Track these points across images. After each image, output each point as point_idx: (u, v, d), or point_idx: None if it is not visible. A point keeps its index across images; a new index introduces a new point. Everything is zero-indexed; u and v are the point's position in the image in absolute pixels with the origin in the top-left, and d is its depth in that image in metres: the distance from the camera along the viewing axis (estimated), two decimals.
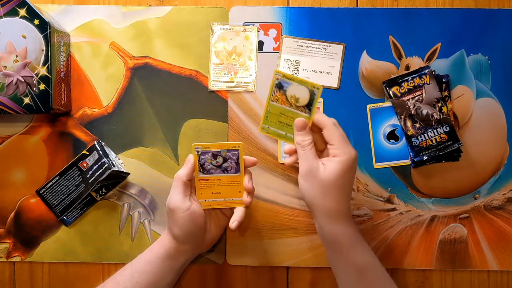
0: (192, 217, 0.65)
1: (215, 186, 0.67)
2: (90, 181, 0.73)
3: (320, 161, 0.63)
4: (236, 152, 0.66)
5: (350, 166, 0.62)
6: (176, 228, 0.66)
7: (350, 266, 0.64)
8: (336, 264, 0.65)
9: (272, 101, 0.67)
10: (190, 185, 0.67)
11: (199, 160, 0.66)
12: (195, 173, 0.67)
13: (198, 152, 0.66)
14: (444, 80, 0.74)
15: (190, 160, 0.66)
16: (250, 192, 0.67)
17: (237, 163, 0.66)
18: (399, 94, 0.74)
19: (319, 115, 0.65)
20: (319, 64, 0.75)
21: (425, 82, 0.73)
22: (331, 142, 0.63)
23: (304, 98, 0.65)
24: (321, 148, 0.66)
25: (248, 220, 0.75)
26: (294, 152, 0.67)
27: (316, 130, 0.65)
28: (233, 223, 0.65)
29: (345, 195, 0.63)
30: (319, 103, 0.73)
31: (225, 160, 0.66)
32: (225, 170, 0.67)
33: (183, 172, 0.66)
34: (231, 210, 0.69)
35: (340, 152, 0.62)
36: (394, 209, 0.75)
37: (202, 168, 0.66)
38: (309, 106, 0.65)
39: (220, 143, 0.66)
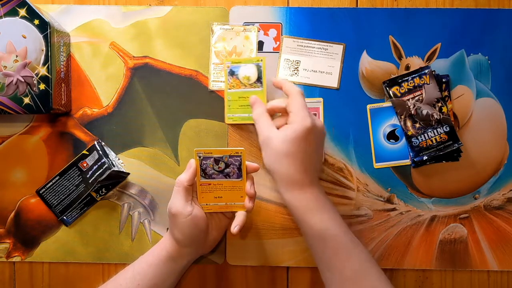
0: (194, 221, 0.65)
1: (216, 191, 0.67)
2: (90, 181, 0.73)
3: (275, 130, 0.64)
4: (238, 158, 0.65)
5: (304, 134, 0.62)
6: (178, 233, 0.65)
7: (311, 234, 0.63)
8: (302, 232, 0.65)
9: (229, 89, 0.71)
10: (191, 190, 0.67)
11: (201, 165, 0.66)
12: (197, 178, 0.66)
13: (200, 157, 0.65)
14: (444, 80, 0.74)
15: (192, 165, 0.66)
16: (252, 197, 0.67)
17: (239, 168, 0.66)
18: (399, 94, 0.74)
19: (287, 84, 0.66)
20: (319, 64, 0.75)
21: (425, 82, 0.73)
22: (290, 109, 0.64)
23: (253, 74, 0.70)
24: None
25: (249, 223, 0.75)
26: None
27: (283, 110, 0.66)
28: (235, 227, 0.65)
29: (300, 163, 0.63)
30: (318, 102, 0.74)
31: (227, 165, 0.66)
32: (227, 176, 0.66)
33: (184, 177, 0.66)
34: (232, 212, 0.69)
35: (294, 119, 0.63)
36: (394, 209, 0.75)
37: (204, 172, 0.66)
38: (259, 79, 0.69)
39: (222, 149, 0.66)
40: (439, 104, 0.73)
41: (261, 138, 0.65)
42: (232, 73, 0.70)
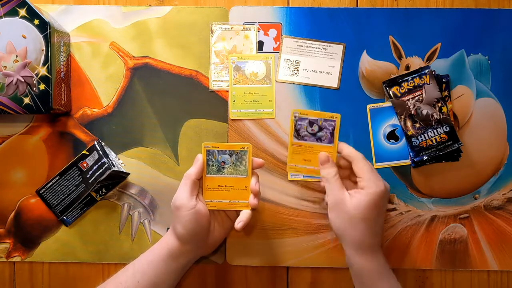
0: (196, 216, 0.65)
1: (306, 153, 0.69)
2: (90, 181, 0.73)
3: (346, 193, 0.65)
4: (332, 123, 0.67)
5: (378, 198, 0.64)
6: (180, 227, 0.65)
7: None
8: None
9: (234, 84, 0.71)
10: (198, 185, 0.67)
11: (295, 126, 0.68)
12: (203, 173, 0.67)
13: (295, 117, 0.67)
14: (444, 80, 0.74)
15: (200, 159, 0.67)
16: (257, 195, 0.67)
17: (332, 133, 0.68)
18: (399, 94, 0.74)
19: (348, 149, 0.68)
20: (319, 64, 0.75)
21: (425, 82, 0.73)
22: (360, 175, 0.65)
23: (262, 71, 0.71)
24: (353, 180, 0.68)
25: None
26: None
27: (345, 164, 0.69)
28: (239, 223, 0.65)
29: (372, 227, 0.65)
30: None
31: (320, 129, 0.68)
32: (319, 139, 0.68)
33: (193, 170, 0.66)
34: (236, 213, 0.69)
35: (368, 184, 0.64)
36: (394, 209, 0.75)
37: (298, 134, 0.68)
38: (268, 77, 0.70)
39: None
40: (439, 104, 0.73)
41: (332, 199, 0.66)
42: (238, 69, 0.71)
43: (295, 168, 0.69)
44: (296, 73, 0.75)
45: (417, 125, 0.73)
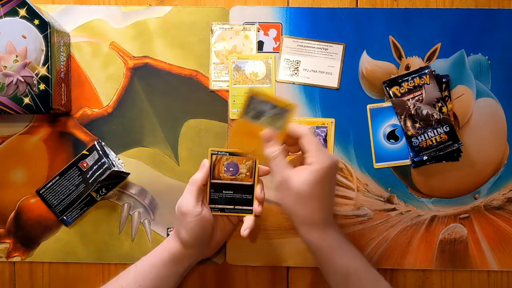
0: (201, 222, 0.65)
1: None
2: (90, 181, 0.73)
3: (293, 171, 0.62)
4: (324, 129, 0.68)
5: (325, 174, 0.60)
6: (184, 232, 0.65)
7: (334, 272, 0.64)
8: (322, 269, 0.65)
9: (234, 84, 0.71)
10: (204, 191, 0.67)
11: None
12: (209, 178, 0.67)
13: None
14: (444, 80, 0.74)
15: (206, 164, 0.66)
16: (262, 202, 0.67)
17: (325, 139, 0.68)
18: (399, 94, 0.74)
19: (294, 126, 0.64)
20: (319, 64, 0.75)
21: (425, 82, 0.73)
22: (306, 150, 0.62)
23: (262, 71, 0.71)
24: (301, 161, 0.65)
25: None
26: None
27: (293, 142, 0.64)
28: (245, 230, 0.65)
29: (322, 203, 0.62)
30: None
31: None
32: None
33: (199, 176, 0.66)
34: (238, 216, 0.69)
35: (314, 160, 0.61)
36: (394, 209, 0.75)
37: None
38: (268, 77, 0.69)
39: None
40: (439, 104, 0.73)
41: (278, 179, 0.62)
42: (238, 68, 0.71)
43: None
44: (296, 73, 0.75)
45: (417, 125, 0.73)
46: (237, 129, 0.65)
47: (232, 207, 0.67)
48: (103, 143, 0.75)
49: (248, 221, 0.66)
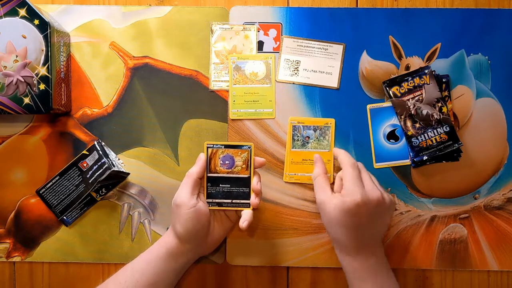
0: (196, 214, 0.65)
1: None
2: (90, 181, 0.73)
3: (328, 195, 0.66)
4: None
5: (353, 207, 0.63)
6: (179, 225, 0.65)
7: None
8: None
9: (234, 84, 0.72)
10: (199, 184, 0.67)
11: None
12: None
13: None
14: (444, 80, 0.74)
15: (202, 158, 0.67)
16: (258, 194, 0.67)
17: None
18: (399, 94, 0.74)
19: (343, 155, 0.69)
20: (319, 64, 0.75)
21: (425, 82, 0.73)
22: (344, 180, 0.66)
23: (262, 71, 0.71)
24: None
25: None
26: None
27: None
28: (244, 222, 0.65)
29: (354, 233, 0.64)
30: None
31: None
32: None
33: (195, 169, 0.67)
34: (236, 214, 0.69)
35: (346, 192, 0.65)
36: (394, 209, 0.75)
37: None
38: (268, 76, 0.71)
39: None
40: (439, 104, 0.73)
41: (317, 199, 0.68)
42: (238, 68, 0.71)
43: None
44: (296, 73, 0.75)
45: (417, 125, 0.73)
46: (292, 161, 0.70)
47: (229, 201, 0.68)
48: (103, 143, 0.75)
49: (246, 213, 0.67)
